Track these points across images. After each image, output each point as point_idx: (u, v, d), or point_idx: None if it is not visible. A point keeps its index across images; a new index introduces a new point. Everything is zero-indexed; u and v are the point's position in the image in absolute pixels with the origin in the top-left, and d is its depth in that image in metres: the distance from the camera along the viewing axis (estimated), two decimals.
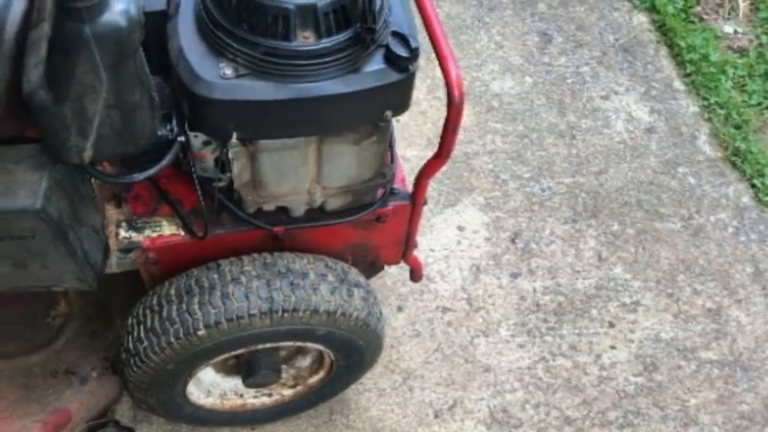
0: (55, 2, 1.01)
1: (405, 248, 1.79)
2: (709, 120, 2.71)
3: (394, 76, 1.27)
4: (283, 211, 1.56)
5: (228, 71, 1.22)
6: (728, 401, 2.15)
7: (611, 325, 2.25)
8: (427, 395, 2.08)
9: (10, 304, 1.66)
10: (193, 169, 1.43)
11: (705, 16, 3.00)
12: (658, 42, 2.93)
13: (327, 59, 1.22)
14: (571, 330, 2.22)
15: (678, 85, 2.81)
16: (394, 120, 1.44)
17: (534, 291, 2.29)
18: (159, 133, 1.31)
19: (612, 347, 2.21)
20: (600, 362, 2.18)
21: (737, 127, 2.68)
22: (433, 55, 1.34)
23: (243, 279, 1.48)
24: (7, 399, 1.73)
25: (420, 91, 2.64)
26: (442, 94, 2.65)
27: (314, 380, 1.85)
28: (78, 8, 0.99)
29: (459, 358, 2.15)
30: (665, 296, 2.32)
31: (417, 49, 1.26)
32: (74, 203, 1.31)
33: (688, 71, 2.82)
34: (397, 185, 1.63)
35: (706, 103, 2.75)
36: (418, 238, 1.82)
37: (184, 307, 1.47)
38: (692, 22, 2.96)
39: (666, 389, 2.15)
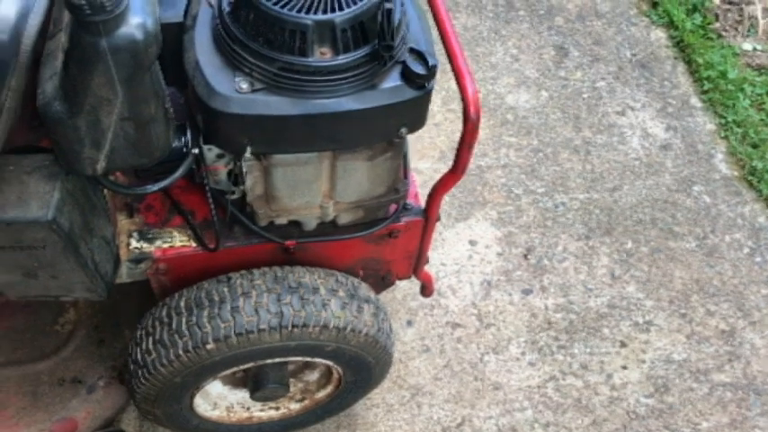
0: (72, 14, 1.00)
1: (416, 263, 1.77)
2: (726, 138, 2.69)
3: (410, 93, 1.26)
4: (295, 224, 1.55)
5: (244, 85, 1.21)
6: (741, 426, 2.11)
7: (623, 344, 2.22)
8: (435, 412, 2.06)
9: (19, 312, 1.66)
10: (206, 181, 1.42)
11: (724, 33, 2.98)
12: (676, 59, 2.91)
13: (344, 76, 1.21)
14: (582, 349, 2.20)
15: (695, 102, 2.79)
16: None
17: (546, 308, 2.26)
18: (173, 145, 1.30)
19: (624, 367, 2.18)
20: (611, 382, 2.15)
21: (755, 146, 2.65)
22: (448, 67, 1.33)
23: (253, 293, 1.47)
24: (15, 406, 1.73)
25: (434, 103, 2.63)
26: (456, 106, 2.64)
27: (321, 394, 1.84)
28: (95, 21, 0.98)
29: (469, 375, 2.13)
30: (678, 316, 2.29)
31: (435, 66, 1.24)
32: (85, 214, 1.31)
33: (705, 88, 2.80)
34: (410, 201, 1.61)
35: (723, 120, 2.72)
36: (429, 253, 1.81)
37: (194, 320, 1.46)
38: (711, 39, 2.94)
39: (678, 411, 2.12)
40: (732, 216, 2.51)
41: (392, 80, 1.25)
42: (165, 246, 1.52)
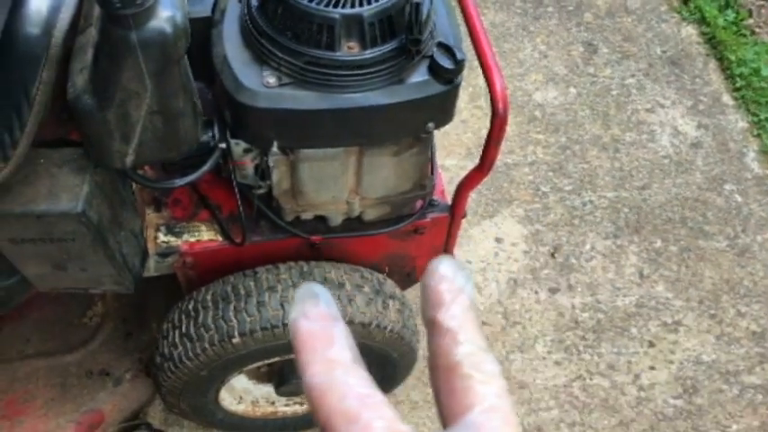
0: (102, 8, 1.00)
1: None
2: (759, 136, 2.64)
3: (438, 88, 1.25)
4: (321, 220, 1.55)
5: (272, 80, 1.21)
6: None
7: (652, 345, 2.19)
8: None
9: (48, 304, 1.68)
10: (233, 176, 1.42)
11: (758, 29, 2.92)
12: (707, 55, 2.86)
13: (371, 70, 1.21)
14: (610, 349, 2.17)
15: (727, 99, 2.74)
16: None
17: (573, 307, 2.24)
18: (201, 140, 1.30)
19: (652, 368, 2.15)
20: (638, 382, 2.13)
21: None
22: (476, 63, 1.32)
23: (279, 287, 1.47)
24: (44, 397, 1.75)
25: (461, 99, 2.61)
26: (483, 102, 2.62)
27: None
28: (125, 15, 0.99)
29: None
30: (707, 317, 2.25)
31: (463, 61, 1.23)
32: (114, 207, 1.32)
33: (737, 85, 2.75)
34: (436, 197, 1.61)
35: (756, 119, 2.67)
36: (455, 250, 1.80)
37: (220, 314, 1.47)
38: (744, 35, 2.89)
39: (707, 413, 2.09)
40: (764, 215, 2.46)
41: (420, 75, 1.24)
42: (192, 240, 1.53)
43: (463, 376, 0.39)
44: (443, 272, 0.42)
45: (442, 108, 1.30)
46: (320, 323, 0.40)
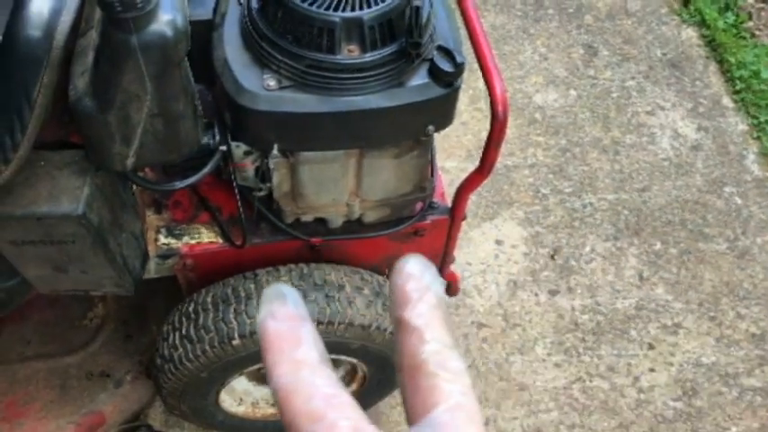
0: (103, 11, 1.01)
1: (442, 262, 1.76)
2: (759, 138, 2.64)
3: (438, 91, 1.25)
4: (321, 222, 1.55)
5: (272, 83, 1.21)
6: None
7: (651, 347, 2.19)
8: None
9: (49, 306, 1.68)
10: (234, 178, 1.43)
11: (757, 32, 2.93)
12: (707, 58, 2.86)
13: (371, 73, 1.21)
14: (609, 351, 2.18)
15: (727, 102, 2.74)
16: None
17: (573, 309, 2.24)
18: (201, 142, 1.31)
19: (651, 370, 2.15)
20: (638, 384, 2.13)
21: None
22: (476, 65, 1.32)
23: None
24: (44, 399, 1.75)
25: (461, 102, 2.62)
26: (483, 105, 2.63)
27: None
28: (126, 18, 0.99)
29: (494, 376, 2.12)
30: (707, 319, 2.25)
31: (463, 64, 1.23)
32: (114, 209, 1.32)
33: (737, 88, 2.75)
34: (436, 199, 1.61)
35: (755, 121, 2.68)
36: (455, 252, 1.80)
37: (220, 316, 1.47)
38: (744, 38, 2.89)
39: (706, 415, 2.09)
40: (764, 218, 2.47)
41: (420, 78, 1.24)
42: (193, 242, 1.53)
43: (428, 374, 0.39)
44: (410, 270, 0.41)
45: (442, 111, 1.31)
46: (288, 323, 0.39)
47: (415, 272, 0.41)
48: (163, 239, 1.52)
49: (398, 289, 0.41)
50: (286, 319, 0.40)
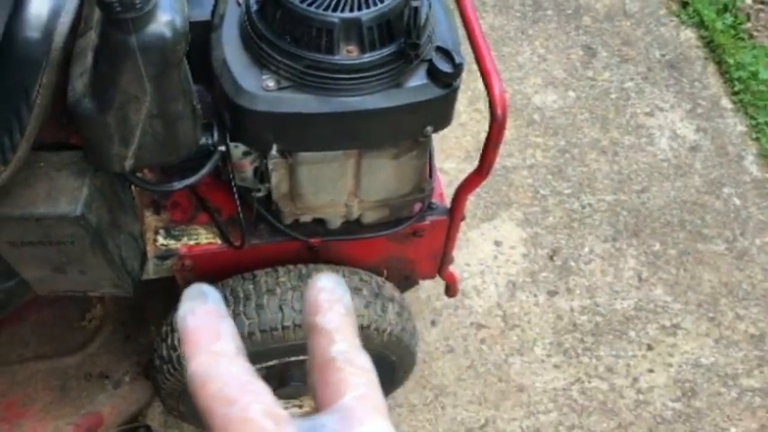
0: (102, 12, 1.01)
1: (441, 263, 1.76)
2: (757, 140, 2.65)
3: (436, 92, 1.25)
4: (320, 222, 1.55)
5: (271, 83, 1.21)
6: None
7: (650, 348, 2.19)
8: (459, 413, 2.06)
9: (47, 307, 1.68)
10: (232, 179, 1.43)
11: (756, 33, 2.93)
12: (706, 59, 2.87)
13: (370, 74, 1.21)
14: (608, 352, 2.18)
15: (725, 103, 2.75)
16: None
17: (571, 310, 2.24)
18: (200, 143, 1.31)
19: (650, 371, 2.16)
20: (637, 385, 2.13)
21: None
22: (475, 66, 1.32)
23: (278, 290, 1.48)
24: (43, 400, 1.75)
25: (460, 103, 2.62)
26: (482, 105, 2.63)
27: None
28: (125, 19, 0.99)
29: (493, 376, 2.12)
30: (706, 320, 2.26)
31: (461, 64, 1.24)
32: (113, 210, 1.32)
33: (736, 89, 2.76)
34: (435, 200, 1.61)
35: (754, 122, 2.68)
36: (454, 253, 1.80)
37: None
38: (742, 39, 2.89)
39: (705, 416, 2.09)
40: (763, 219, 2.47)
41: (418, 78, 1.25)
42: (191, 243, 1.53)
43: (337, 369, 0.41)
44: (322, 285, 0.44)
45: (440, 111, 1.31)
46: (206, 319, 0.41)
47: (328, 286, 0.44)
48: (161, 240, 1.52)
49: (312, 299, 0.44)
50: (205, 316, 0.41)
